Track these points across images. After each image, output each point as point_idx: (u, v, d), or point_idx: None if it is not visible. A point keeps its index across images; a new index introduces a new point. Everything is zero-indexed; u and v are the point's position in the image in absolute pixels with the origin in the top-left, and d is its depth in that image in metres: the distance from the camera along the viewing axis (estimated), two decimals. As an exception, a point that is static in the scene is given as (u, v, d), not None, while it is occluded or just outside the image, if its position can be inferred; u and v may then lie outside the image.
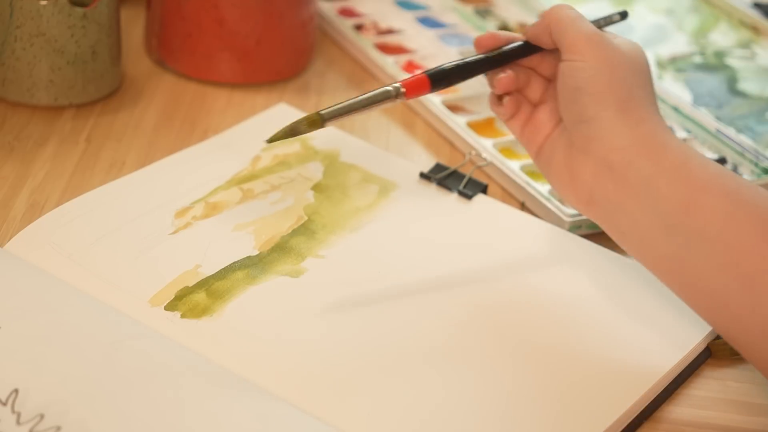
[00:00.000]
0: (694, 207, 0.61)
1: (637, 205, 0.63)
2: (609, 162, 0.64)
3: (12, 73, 0.81)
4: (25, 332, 0.61)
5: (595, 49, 0.66)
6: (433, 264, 0.70)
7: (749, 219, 0.60)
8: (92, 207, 0.71)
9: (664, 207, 0.62)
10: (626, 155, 0.64)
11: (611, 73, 0.65)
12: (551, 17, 0.68)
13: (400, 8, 1.01)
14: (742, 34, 1.00)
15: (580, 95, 0.65)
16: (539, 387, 0.62)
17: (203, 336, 0.62)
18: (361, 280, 0.68)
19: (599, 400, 0.61)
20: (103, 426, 0.56)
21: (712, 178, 0.62)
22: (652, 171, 0.63)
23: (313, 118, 0.64)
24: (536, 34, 0.69)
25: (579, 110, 0.66)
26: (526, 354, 0.64)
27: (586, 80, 0.65)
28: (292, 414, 0.58)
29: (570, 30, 0.67)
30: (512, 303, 0.67)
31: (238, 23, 0.85)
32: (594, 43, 0.66)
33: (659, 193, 0.62)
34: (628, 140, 0.64)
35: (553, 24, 0.68)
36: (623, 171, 0.64)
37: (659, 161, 0.63)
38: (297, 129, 0.65)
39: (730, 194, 0.61)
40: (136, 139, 0.81)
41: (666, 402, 0.63)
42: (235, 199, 0.74)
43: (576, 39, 0.66)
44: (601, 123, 0.65)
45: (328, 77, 0.91)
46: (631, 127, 0.64)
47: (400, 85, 0.67)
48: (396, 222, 0.73)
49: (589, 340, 0.64)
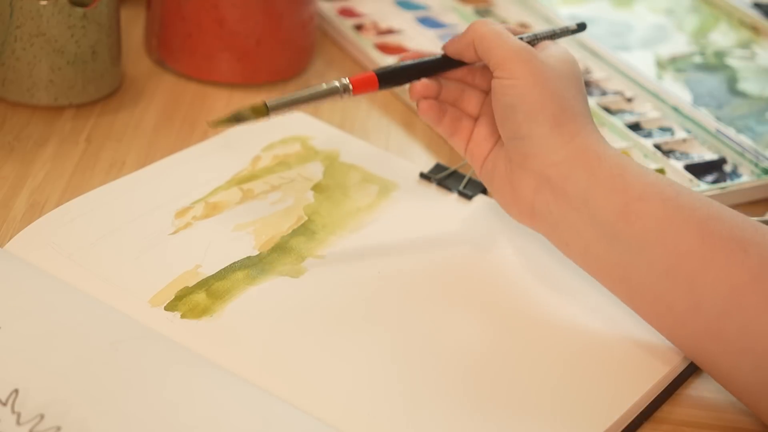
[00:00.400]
0: (632, 215, 0.62)
1: (577, 217, 0.64)
2: (547, 176, 0.65)
3: (12, 73, 0.81)
4: (25, 332, 0.61)
5: (524, 65, 0.65)
6: (434, 264, 0.70)
7: (687, 223, 0.61)
8: (92, 207, 0.71)
9: (604, 217, 0.63)
10: (563, 169, 0.64)
11: (542, 88, 0.65)
12: (474, 34, 0.67)
13: (400, 8, 1.01)
14: (742, 34, 1.01)
15: (513, 113, 0.65)
16: (540, 387, 0.62)
17: (203, 336, 0.62)
18: (361, 280, 0.68)
19: (599, 400, 0.61)
20: (103, 426, 0.56)
21: (648, 187, 0.62)
22: (589, 183, 0.63)
23: (257, 106, 0.65)
24: (458, 51, 0.68)
25: (513, 128, 0.66)
26: (526, 354, 0.64)
27: (518, 98, 0.65)
28: (292, 414, 0.58)
29: (496, 47, 0.66)
30: (513, 303, 0.67)
31: (238, 23, 0.85)
32: (523, 60, 0.65)
33: (597, 204, 0.63)
34: (563, 155, 0.64)
35: (477, 42, 0.67)
36: (561, 184, 0.64)
37: (595, 173, 0.63)
38: (241, 115, 0.66)
39: (667, 201, 0.62)
40: (136, 139, 0.81)
41: (666, 402, 0.63)
42: (235, 199, 0.74)
43: (504, 57, 0.65)
44: (536, 140, 0.65)
45: (328, 77, 0.91)
46: (565, 142, 0.64)
47: (348, 81, 0.67)
48: (396, 222, 0.73)
49: (590, 340, 0.64)
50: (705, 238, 0.60)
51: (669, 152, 0.84)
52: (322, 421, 0.58)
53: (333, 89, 0.67)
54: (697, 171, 0.81)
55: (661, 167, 0.81)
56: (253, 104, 0.65)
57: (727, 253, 0.60)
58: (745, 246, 0.60)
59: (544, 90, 0.65)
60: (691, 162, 0.82)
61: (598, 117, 0.86)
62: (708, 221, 0.61)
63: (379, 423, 0.59)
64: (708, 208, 0.62)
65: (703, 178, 0.81)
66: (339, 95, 0.67)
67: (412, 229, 0.73)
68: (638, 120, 0.87)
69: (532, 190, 0.65)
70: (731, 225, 0.61)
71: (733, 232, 0.60)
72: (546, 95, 0.65)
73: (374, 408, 0.59)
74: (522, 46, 0.66)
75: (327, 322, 0.65)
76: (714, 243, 0.60)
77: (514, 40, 0.66)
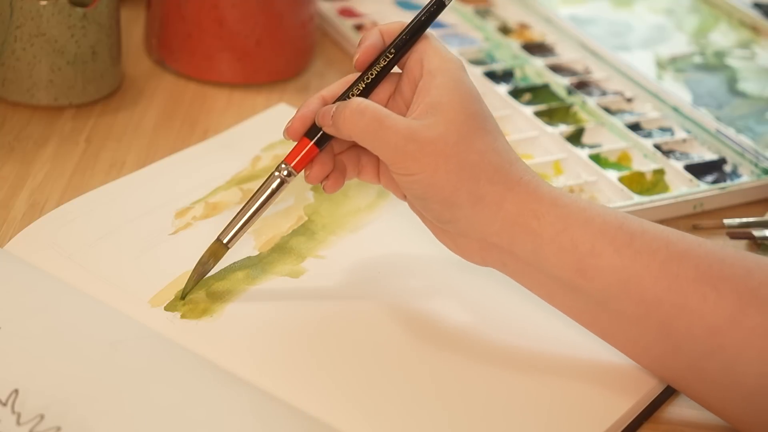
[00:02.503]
0: (588, 272, 0.59)
1: (534, 272, 0.61)
2: (491, 243, 0.60)
3: (12, 73, 0.81)
4: (25, 333, 0.61)
5: (416, 159, 0.59)
6: (434, 264, 0.70)
7: (648, 271, 0.58)
8: (92, 207, 0.71)
9: (560, 274, 0.59)
10: (504, 237, 0.60)
11: (446, 173, 0.59)
12: (349, 131, 0.60)
13: (400, 8, 1.00)
14: (742, 34, 1.00)
15: (428, 204, 0.60)
16: (540, 387, 0.62)
17: (203, 336, 0.62)
18: (361, 281, 0.68)
19: (600, 400, 0.61)
20: (103, 426, 0.56)
21: (598, 238, 0.58)
22: (535, 245, 0.59)
23: (214, 248, 0.64)
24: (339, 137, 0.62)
25: (435, 216, 0.61)
26: (527, 354, 0.64)
27: (425, 191, 0.60)
28: (292, 414, 0.58)
29: (378, 146, 0.60)
30: (513, 303, 0.67)
31: (238, 23, 0.85)
32: (412, 154, 0.59)
33: (550, 263, 0.59)
34: (498, 225, 0.60)
35: (355, 138, 0.60)
36: (508, 248, 0.60)
37: (538, 234, 0.59)
38: (205, 268, 0.64)
39: (621, 249, 0.58)
40: (136, 139, 0.81)
41: (666, 402, 0.63)
42: (235, 199, 0.73)
43: (392, 156, 0.59)
44: (463, 221, 0.60)
45: (328, 77, 0.91)
46: (494, 212, 0.59)
47: (289, 165, 0.63)
48: (396, 222, 0.73)
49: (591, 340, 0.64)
50: (671, 284, 0.57)
51: (669, 152, 0.83)
52: (321, 421, 0.58)
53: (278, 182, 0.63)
54: (697, 171, 0.81)
55: (660, 167, 0.81)
56: (209, 248, 0.64)
57: (699, 297, 0.57)
58: (715, 284, 0.57)
59: (448, 173, 0.59)
60: (691, 162, 0.82)
61: (597, 117, 0.86)
62: (671, 264, 0.57)
63: (378, 423, 0.59)
64: (667, 248, 0.58)
65: (703, 178, 0.81)
66: (285, 184, 0.63)
67: (411, 230, 0.73)
68: (638, 120, 0.87)
69: (479, 250, 0.62)
70: (696, 263, 0.57)
71: (700, 271, 0.57)
72: (453, 177, 0.59)
73: (373, 408, 0.59)
74: (405, 135, 0.59)
75: (326, 322, 0.65)
76: (681, 287, 0.57)
77: (395, 130, 0.59)
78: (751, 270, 0.57)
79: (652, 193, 0.79)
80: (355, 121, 0.60)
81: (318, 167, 0.63)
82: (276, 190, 0.63)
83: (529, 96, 0.89)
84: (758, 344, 0.56)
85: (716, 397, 0.59)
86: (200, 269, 0.64)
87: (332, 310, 0.65)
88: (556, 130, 0.84)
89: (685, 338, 0.58)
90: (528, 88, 0.90)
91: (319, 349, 0.63)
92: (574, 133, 0.85)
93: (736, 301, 0.57)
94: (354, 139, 0.61)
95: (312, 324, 0.64)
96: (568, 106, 0.88)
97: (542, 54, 0.95)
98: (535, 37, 0.98)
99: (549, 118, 0.86)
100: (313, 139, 0.63)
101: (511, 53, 0.94)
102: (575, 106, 0.88)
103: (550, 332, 0.65)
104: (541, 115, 0.86)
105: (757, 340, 0.56)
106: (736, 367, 0.57)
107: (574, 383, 0.62)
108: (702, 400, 0.60)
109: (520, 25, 0.99)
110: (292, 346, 0.63)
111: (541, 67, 0.92)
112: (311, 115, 0.63)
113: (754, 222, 0.77)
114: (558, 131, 0.84)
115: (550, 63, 0.93)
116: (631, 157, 0.83)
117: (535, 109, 0.86)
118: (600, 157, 0.82)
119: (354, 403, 0.59)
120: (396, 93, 0.64)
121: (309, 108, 0.63)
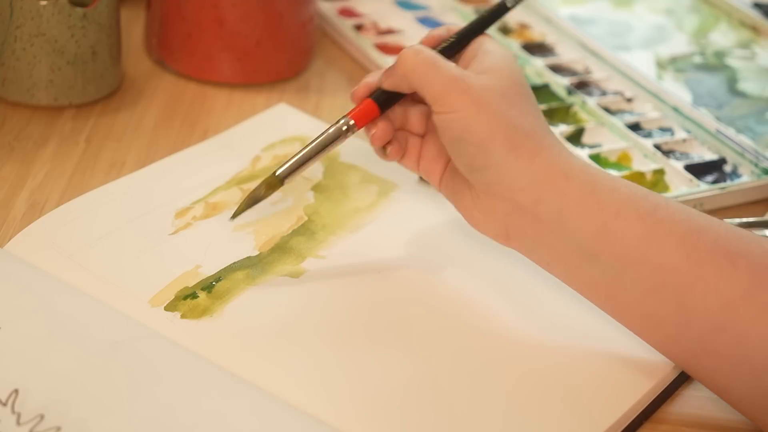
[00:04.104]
0: (610, 235, 0.60)
1: (554, 239, 0.61)
2: (516, 202, 0.62)
3: (12, 73, 0.81)
4: (25, 332, 0.61)
5: (461, 96, 0.62)
6: (433, 264, 0.70)
7: (669, 238, 0.59)
8: (92, 207, 0.71)
9: (581, 238, 0.60)
10: (531, 194, 0.61)
11: (487, 115, 0.61)
12: (404, 67, 0.64)
13: (400, 8, 1.01)
14: (742, 34, 1.01)
15: (463, 146, 0.62)
16: (540, 387, 0.62)
17: (203, 336, 0.62)
18: (360, 281, 0.68)
19: (599, 400, 0.61)
20: (103, 426, 0.56)
21: (623, 203, 0.60)
22: (561, 205, 0.60)
23: (269, 180, 0.65)
24: (394, 84, 0.65)
25: (467, 161, 0.63)
26: (527, 353, 0.64)
27: (463, 131, 0.62)
28: (292, 414, 0.58)
29: (428, 82, 0.63)
30: (513, 302, 0.67)
31: (238, 23, 0.85)
32: (459, 91, 0.62)
33: (573, 226, 0.60)
34: (527, 179, 0.61)
35: (409, 75, 0.64)
36: (533, 209, 0.61)
37: (565, 194, 0.61)
38: (257, 196, 0.65)
39: (645, 217, 0.59)
40: (136, 139, 0.81)
41: (666, 402, 0.63)
42: (236, 199, 0.74)
43: (438, 91, 0.62)
44: (494, 169, 0.62)
45: (328, 77, 0.91)
46: (526, 165, 0.61)
47: (349, 118, 0.65)
48: (396, 222, 0.73)
49: (590, 340, 0.64)
50: (690, 254, 0.58)
51: (669, 152, 0.84)
52: (321, 421, 0.58)
53: (337, 132, 0.65)
54: (697, 171, 0.81)
55: (661, 167, 0.81)
56: (265, 179, 0.65)
57: (715, 268, 0.58)
58: (732, 258, 0.58)
59: (489, 116, 0.61)
60: (691, 162, 0.82)
61: (597, 117, 0.86)
62: (691, 235, 0.59)
63: (378, 423, 0.59)
64: (689, 221, 0.60)
65: (703, 178, 0.81)
66: (344, 137, 0.66)
67: (411, 230, 0.73)
68: (638, 120, 0.87)
69: (503, 215, 0.63)
70: (715, 237, 0.59)
71: (719, 245, 0.58)
72: (492, 121, 0.61)
73: (373, 408, 0.59)
74: (455, 75, 0.62)
75: (326, 322, 0.65)
76: (700, 258, 0.58)
77: (447, 69, 0.63)
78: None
79: (652, 193, 0.79)
80: (412, 57, 0.63)
81: (382, 126, 0.66)
82: (332, 140, 0.65)
83: (529, 96, 0.89)
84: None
85: (724, 376, 0.59)
86: (254, 195, 0.65)
87: (332, 310, 0.66)
88: (556, 130, 0.84)
89: (698, 311, 0.58)
90: (528, 88, 0.90)
91: (318, 349, 0.63)
92: (574, 133, 0.85)
93: (751, 277, 0.57)
94: (408, 76, 0.63)
95: (312, 324, 0.64)
96: (568, 106, 0.88)
97: (542, 54, 0.95)
98: (535, 37, 0.98)
99: (549, 118, 0.86)
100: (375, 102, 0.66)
101: (511, 53, 0.94)
102: (575, 106, 0.88)
103: (550, 333, 0.65)
104: (541, 115, 0.86)
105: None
106: (747, 342, 0.57)
107: (574, 383, 0.62)
108: (709, 378, 0.60)
109: (520, 25, 1.00)
110: (292, 345, 0.63)
111: (541, 67, 0.92)
112: (375, 83, 0.66)
113: (754, 222, 0.77)
114: (558, 131, 0.84)
115: (550, 63, 0.93)
116: (631, 157, 0.83)
117: (535, 109, 0.86)
118: (600, 157, 0.82)
119: (354, 403, 0.59)
120: None
121: (374, 77, 0.67)
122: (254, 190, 0.65)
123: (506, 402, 0.60)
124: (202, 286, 0.66)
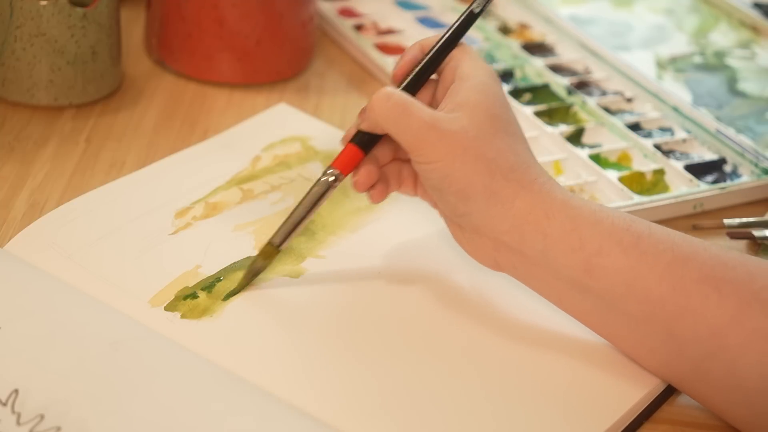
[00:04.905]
0: (596, 271, 0.60)
1: (543, 272, 0.62)
2: (502, 242, 0.62)
3: (12, 73, 0.81)
4: (25, 332, 0.61)
5: (435, 145, 0.61)
6: (434, 264, 0.70)
7: (653, 271, 0.59)
8: (92, 207, 0.71)
9: (568, 273, 0.61)
10: (514, 235, 0.61)
11: (463, 164, 0.61)
12: (375, 115, 0.62)
13: (400, 8, 1.01)
14: (742, 34, 1.01)
15: (444, 195, 0.62)
16: (540, 387, 0.62)
17: (203, 336, 0.62)
18: (360, 281, 0.68)
19: (600, 400, 0.61)
20: (103, 426, 0.56)
21: (606, 238, 0.60)
22: (544, 244, 0.61)
23: (266, 250, 0.65)
24: (371, 128, 0.64)
25: (450, 207, 0.63)
26: (527, 353, 0.64)
27: (441, 181, 0.61)
28: (292, 414, 0.58)
29: (401, 129, 0.62)
30: (513, 302, 0.67)
31: (238, 23, 0.85)
32: (433, 140, 0.61)
33: (559, 263, 0.61)
34: (509, 223, 0.61)
35: (380, 123, 0.63)
36: (518, 247, 0.61)
37: (547, 234, 0.61)
38: (256, 269, 0.65)
39: (628, 250, 0.59)
40: (136, 139, 0.81)
41: (666, 402, 0.63)
42: (236, 199, 0.74)
43: (412, 141, 0.61)
44: (476, 215, 0.62)
45: (328, 77, 0.91)
46: (507, 209, 0.61)
47: (335, 169, 0.64)
48: (396, 223, 0.73)
49: (591, 340, 0.64)
50: (675, 285, 0.58)
51: (669, 152, 0.84)
52: (320, 421, 0.58)
53: (326, 185, 0.64)
54: (697, 171, 0.81)
55: (661, 167, 0.81)
56: (261, 250, 0.65)
57: (701, 297, 0.58)
58: (718, 286, 0.58)
59: (465, 164, 0.61)
60: (691, 162, 0.82)
61: (597, 117, 0.86)
62: (674, 266, 0.59)
63: (377, 423, 0.59)
64: (672, 250, 0.59)
65: (703, 178, 0.81)
66: (333, 187, 0.64)
67: (411, 230, 0.73)
68: (638, 120, 0.87)
69: (492, 250, 0.63)
70: (700, 266, 0.59)
71: (703, 273, 0.58)
72: (470, 169, 0.61)
73: (373, 408, 0.59)
74: (427, 122, 0.61)
75: (326, 322, 0.65)
76: (685, 288, 0.58)
77: (418, 115, 0.61)
78: (754, 274, 0.58)
79: (652, 193, 0.79)
80: (381, 104, 0.62)
81: (364, 172, 0.65)
82: (323, 195, 0.65)
83: (529, 96, 0.89)
84: (759, 346, 0.57)
85: (720, 399, 0.59)
86: (253, 268, 0.65)
87: (332, 310, 0.65)
88: (556, 130, 0.84)
89: (688, 339, 0.58)
90: (528, 88, 0.90)
91: (318, 349, 0.63)
92: (574, 133, 0.85)
93: (738, 303, 0.57)
94: (381, 124, 0.63)
95: (312, 324, 0.64)
96: (568, 106, 0.88)
97: (542, 54, 0.95)
98: (535, 37, 0.98)
99: (549, 118, 0.86)
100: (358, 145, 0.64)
101: (511, 53, 0.94)
102: (575, 106, 0.88)
103: (550, 335, 0.65)
104: (541, 115, 0.86)
105: (758, 341, 0.57)
106: (738, 368, 0.57)
107: (574, 384, 0.62)
108: (706, 402, 0.61)
109: (520, 25, 1.00)
110: (292, 345, 0.63)
111: (541, 67, 0.92)
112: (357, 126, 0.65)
113: (754, 222, 0.77)
114: (558, 131, 0.84)
115: (550, 63, 0.93)
116: (631, 157, 0.83)
117: (535, 109, 0.86)
118: (600, 157, 0.82)
119: (354, 403, 0.59)
120: (432, 101, 0.66)
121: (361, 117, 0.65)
122: (252, 263, 0.65)
123: (506, 402, 0.60)
124: (202, 286, 0.66)
